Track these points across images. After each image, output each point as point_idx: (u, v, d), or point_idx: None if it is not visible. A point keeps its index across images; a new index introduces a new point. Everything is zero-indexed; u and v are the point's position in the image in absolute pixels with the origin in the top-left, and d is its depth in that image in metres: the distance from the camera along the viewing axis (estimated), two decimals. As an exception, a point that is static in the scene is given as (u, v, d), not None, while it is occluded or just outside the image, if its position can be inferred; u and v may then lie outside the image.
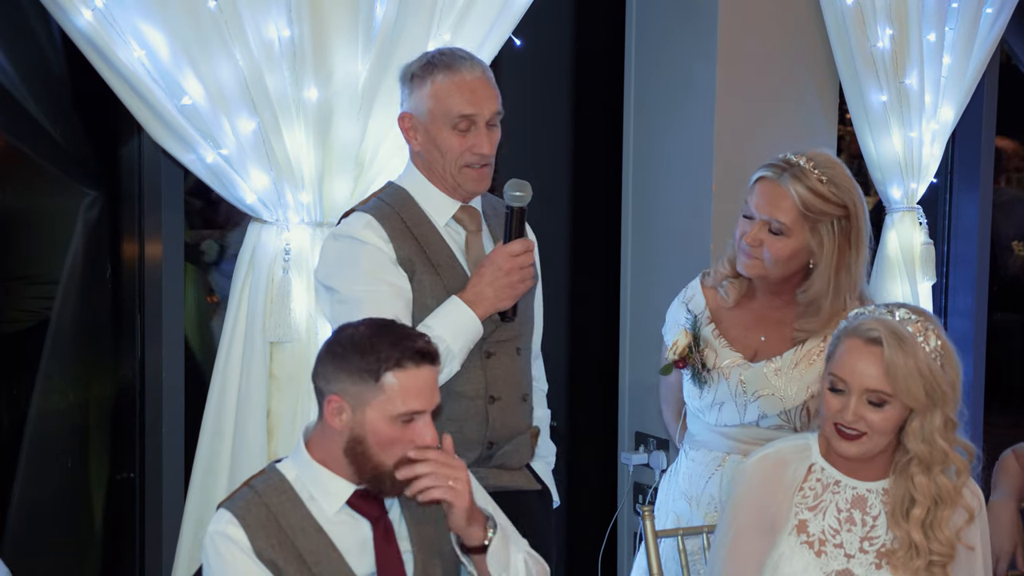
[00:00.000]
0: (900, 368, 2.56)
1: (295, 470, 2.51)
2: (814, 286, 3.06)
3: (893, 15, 4.10)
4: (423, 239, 2.88)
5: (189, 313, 3.69)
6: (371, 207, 2.90)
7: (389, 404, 2.41)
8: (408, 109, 2.88)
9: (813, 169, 3.01)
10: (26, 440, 3.53)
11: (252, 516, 2.45)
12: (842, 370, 2.61)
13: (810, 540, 2.68)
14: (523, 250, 2.84)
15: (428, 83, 2.84)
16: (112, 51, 2.91)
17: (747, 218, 3.06)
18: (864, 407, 2.59)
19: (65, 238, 3.55)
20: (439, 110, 2.83)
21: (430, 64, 2.86)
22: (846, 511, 2.69)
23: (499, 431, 2.93)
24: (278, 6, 3.03)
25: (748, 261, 3.06)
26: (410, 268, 2.85)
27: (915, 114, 4.25)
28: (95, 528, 3.71)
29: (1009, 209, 6.23)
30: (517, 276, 2.83)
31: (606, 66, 4.25)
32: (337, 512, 2.49)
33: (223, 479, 3.15)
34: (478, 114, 2.84)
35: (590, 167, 4.33)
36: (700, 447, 3.21)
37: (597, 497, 3.31)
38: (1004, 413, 6.22)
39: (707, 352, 3.14)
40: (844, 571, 2.67)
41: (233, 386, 3.15)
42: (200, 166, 3.08)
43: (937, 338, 2.61)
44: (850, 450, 2.63)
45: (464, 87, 2.83)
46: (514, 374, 2.96)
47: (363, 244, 2.83)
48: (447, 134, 2.84)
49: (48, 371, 3.54)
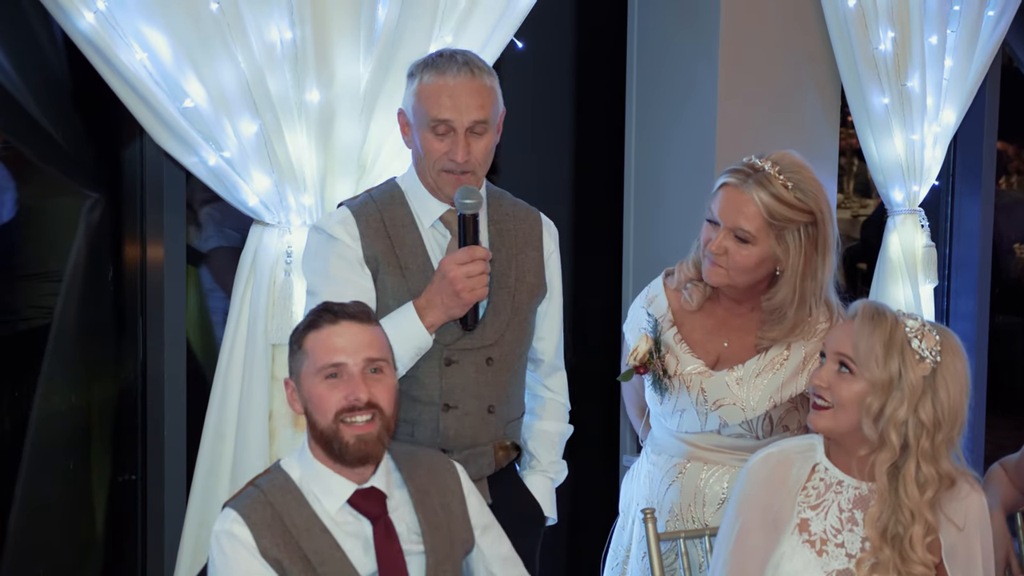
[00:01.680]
0: (865, 338, 2.59)
1: (299, 469, 2.53)
2: (779, 293, 2.99)
3: (895, 17, 4.10)
4: (397, 239, 2.85)
5: (191, 315, 3.69)
6: (357, 203, 2.90)
7: (312, 364, 2.47)
8: (402, 105, 2.88)
9: (779, 174, 2.92)
10: (28, 442, 3.53)
11: (257, 515, 2.46)
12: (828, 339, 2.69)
13: (811, 539, 2.68)
14: (468, 259, 2.75)
15: (416, 81, 2.82)
16: (114, 53, 2.91)
17: (711, 223, 2.98)
18: (833, 373, 2.63)
19: (67, 240, 3.55)
20: (420, 110, 2.81)
21: (424, 62, 2.83)
22: (848, 511, 2.68)
23: (452, 440, 2.87)
24: (280, 8, 3.03)
25: (713, 269, 2.98)
26: (374, 267, 2.84)
27: (917, 117, 4.25)
28: (97, 530, 3.71)
29: (1011, 212, 6.24)
30: (463, 285, 2.75)
31: (608, 68, 4.25)
32: (339, 511, 2.50)
33: (225, 481, 3.15)
34: (455, 120, 2.78)
35: (592, 169, 4.33)
36: (661, 452, 3.18)
37: (599, 500, 3.31)
38: (1006, 416, 6.22)
39: (668, 358, 3.09)
40: (845, 571, 2.66)
41: (235, 388, 3.15)
42: (202, 168, 3.08)
43: (937, 346, 2.60)
44: (819, 423, 2.65)
45: (444, 90, 2.78)
46: (479, 385, 2.90)
47: (333, 240, 2.84)
48: (427, 135, 2.81)
49: (50, 373, 3.54)
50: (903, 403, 2.58)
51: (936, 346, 2.61)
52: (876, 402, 2.59)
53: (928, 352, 2.60)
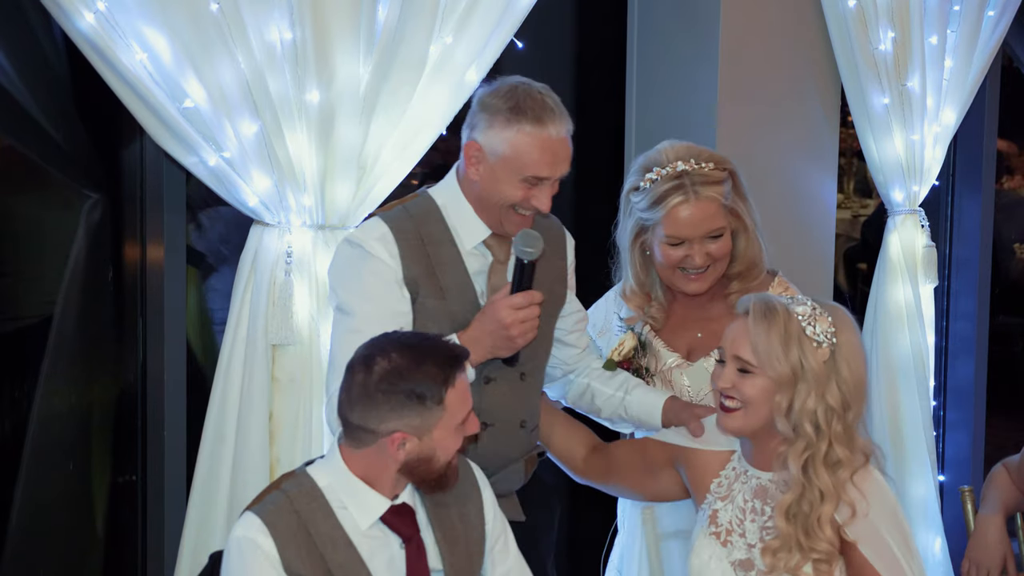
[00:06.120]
0: (762, 337, 2.60)
1: (328, 478, 2.48)
2: (744, 251, 3.11)
3: (895, 18, 4.11)
4: (435, 258, 2.80)
5: (191, 316, 3.69)
6: (393, 216, 2.83)
7: (452, 418, 2.45)
8: (480, 141, 2.77)
9: (698, 164, 3.03)
10: (28, 443, 3.53)
11: (283, 524, 2.41)
12: (724, 339, 2.70)
13: (718, 531, 2.71)
14: (527, 303, 2.74)
15: (512, 129, 2.72)
16: (114, 54, 2.91)
17: (674, 245, 3.05)
18: (736, 375, 2.64)
19: (67, 241, 3.55)
20: (515, 161, 2.73)
21: (519, 109, 2.72)
22: (751, 501, 2.70)
23: (488, 458, 2.87)
24: (280, 8, 3.03)
25: (698, 279, 3.07)
26: (414, 290, 2.80)
27: (917, 117, 4.25)
28: (97, 531, 3.71)
29: (1011, 212, 6.23)
30: (517, 330, 2.73)
31: (608, 70, 4.25)
32: (370, 526, 2.47)
33: (225, 482, 3.14)
34: (551, 176, 2.76)
35: (592, 170, 4.33)
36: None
37: (600, 497, 3.31)
38: (1007, 416, 6.22)
39: (648, 358, 3.16)
40: (746, 561, 2.68)
41: (235, 389, 3.14)
42: (202, 169, 3.08)
43: (830, 327, 2.63)
44: (731, 425, 2.67)
45: (547, 148, 2.72)
46: (514, 400, 2.90)
47: (370, 257, 2.78)
48: (514, 184, 2.75)
49: (50, 374, 3.54)
50: (810, 393, 2.60)
51: (830, 327, 2.63)
52: (784, 398, 2.61)
53: (824, 336, 2.62)
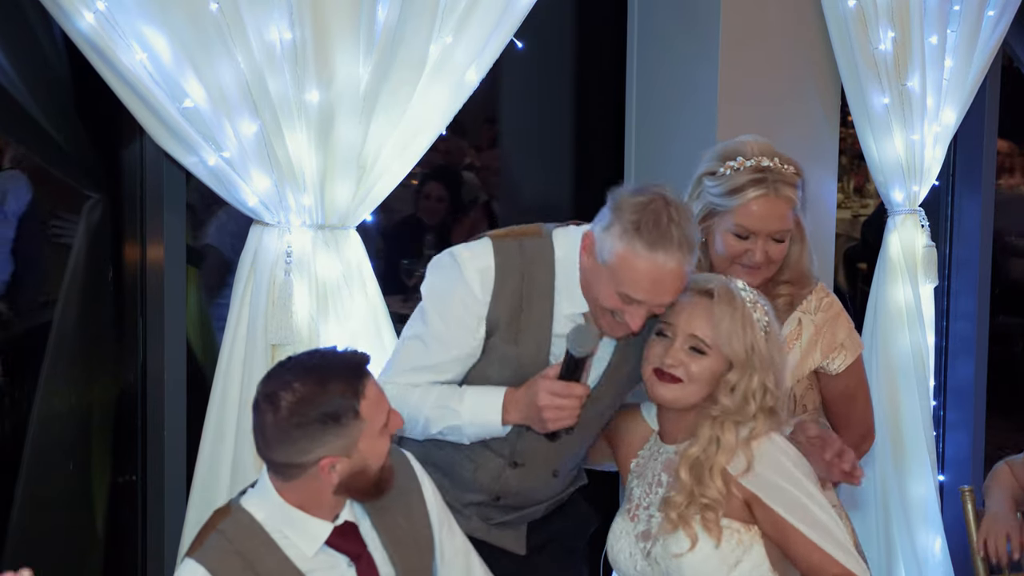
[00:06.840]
0: (726, 320, 2.64)
1: (264, 511, 2.42)
2: (796, 261, 3.07)
3: (895, 17, 4.10)
4: (528, 305, 2.74)
5: (191, 316, 3.69)
6: (504, 249, 2.75)
7: (373, 425, 2.40)
8: (596, 236, 2.66)
9: (781, 164, 2.98)
10: (28, 443, 3.53)
11: (226, 568, 2.34)
12: (671, 315, 2.68)
13: (629, 507, 2.78)
14: (565, 394, 2.65)
15: (625, 243, 2.58)
16: (114, 54, 2.91)
17: (739, 237, 2.97)
18: (686, 353, 2.66)
19: (67, 241, 3.55)
20: (617, 274, 2.60)
21: (638, 226, 2.57)
22: (658, 475, 2.75)
23: (512, 495, 2.86)
24: (279, 8, 3.03)
25: (752, 273, 2.98)
26: (491, 328, 2.76)
27: (917, 117, 4.25)
28: (97, 531, 3.71)
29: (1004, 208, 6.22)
30: (550, 415, 2.66)
31: (608, 70, 4.25)
32: (316, 553, 2.42)
33: (225, 482, 3.14)
34: (648, 302, 2.62)
35: (592, 171, 4.33)
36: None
37: (600, 496, 3.30)
38: (1007, 416, 6.22)
39: None
40: (645, 531, 2.72)
41: (235, 389, 3.15)
42: (202, 168, 3.08)
43: (766, 315, 2.70)
44: (666, 395, 2.69)
45: (650, 274, 2.57)
46: (552, 451, 2.84)
47: (463, 283, 2.73)
48: (610, 292, 2.63)
49: (50, 374, 3.54)
50: (755, 375, 2.66)
51: (766, 315, 2.71)
52: (734, 377, 2.66)
53: (763, 322, 2.70)
